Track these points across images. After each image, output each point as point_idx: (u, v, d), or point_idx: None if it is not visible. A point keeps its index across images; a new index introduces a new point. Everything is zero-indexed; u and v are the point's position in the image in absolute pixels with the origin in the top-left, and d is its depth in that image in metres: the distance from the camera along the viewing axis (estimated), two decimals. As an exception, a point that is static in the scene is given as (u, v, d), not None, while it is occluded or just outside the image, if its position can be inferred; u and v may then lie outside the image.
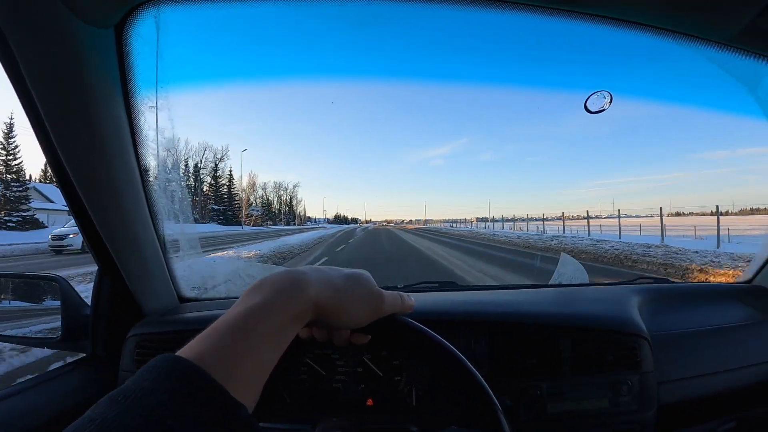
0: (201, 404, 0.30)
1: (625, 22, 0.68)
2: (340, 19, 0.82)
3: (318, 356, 0.83)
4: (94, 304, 0.88)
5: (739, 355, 0.93)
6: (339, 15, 0.78)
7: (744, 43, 0.72)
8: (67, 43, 0.55)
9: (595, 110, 0.80)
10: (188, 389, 0.30)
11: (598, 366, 0.79)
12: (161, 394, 0.29)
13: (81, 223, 0.78)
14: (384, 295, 0.50)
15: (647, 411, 0.79)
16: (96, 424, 0.27)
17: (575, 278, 1.33)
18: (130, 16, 0.58)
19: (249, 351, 0.36)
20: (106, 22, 0.56)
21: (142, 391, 0.29)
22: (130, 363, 0.86)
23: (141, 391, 0.29)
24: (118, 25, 0.59)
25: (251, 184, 74.27)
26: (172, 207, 0.91)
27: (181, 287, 1.03)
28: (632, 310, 0.90)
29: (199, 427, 0.29)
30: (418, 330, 0.51)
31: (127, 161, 0.73)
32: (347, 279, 0.47)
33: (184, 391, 0.30)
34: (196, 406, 0.30)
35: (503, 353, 0.81)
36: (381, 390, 0.81)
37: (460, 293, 1.09)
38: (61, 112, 0.62)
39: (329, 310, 0.44)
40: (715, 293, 1.15)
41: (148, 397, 0.29)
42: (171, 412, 0.28)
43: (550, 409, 0.77)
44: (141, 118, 0.69)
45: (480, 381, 0.49)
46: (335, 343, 0.50)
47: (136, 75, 0.64)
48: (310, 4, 0.67)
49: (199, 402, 0.30)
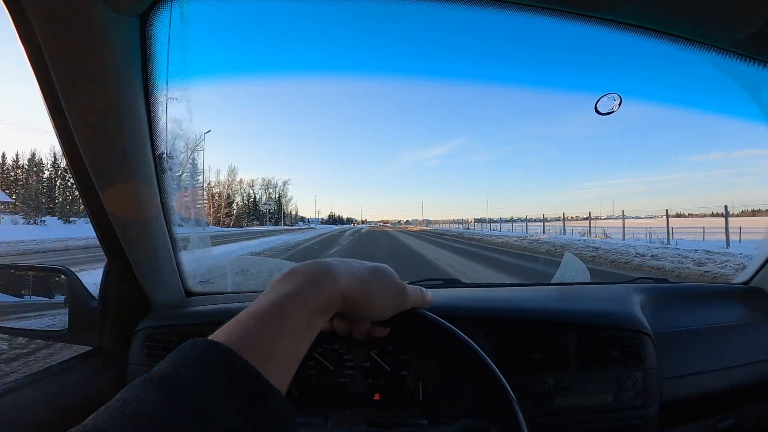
0: (238, 389, 0.30)
1: (633, 26, 0.69)
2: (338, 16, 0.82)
3: (326, 351, 0.83)
4: (102, 297, 0.88)
5: (737, 354, 0.95)
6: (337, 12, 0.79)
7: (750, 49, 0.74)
8: (94, 29, 0.55)
9: (605, 112, 0.81)
10: (225, 374, 0.30)
11: (602, 362, 0.81)
12: (198, 378, 0.29)
13: (92, 212, 0.78)
14: (407, 289, 0.50)
15: (650, 406, 0.81)
16: (132, 406, 0.26)
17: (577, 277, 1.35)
18: (156, 6, 0.58)
19: (282, 338, 0.36)
20: (133, 10, 0.57)
21: (178, 375, 0.29)
22: (139, 355, 0.85)
23: (177, 375, 0.29)
24: (144, 14, 0.59)
25: (231, 180, 69.81)
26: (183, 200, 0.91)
27: (188, 281, 1.03)
28: (635, 307, 0.92)
29: (237, 412, 0.28)
30: (439, 324, 0.52)
31: (143, 151, 0.72)
32: (373, 272, 0.48)
33: (220, 375, 0.30)
34: (232, 391, 0.29)
35: (509, 349, 0.82)
36: (388, 385, 0.82)
37: (465, 290, 1.10)
38: (81, 97, 0.62)
39: (356, 302, 0.44)
40: (714, 294, 1.18)
41: (184, 381, 0.28)
42: (209, 395, 0.28)
43: (557, 404, 0.79)
44: (159, 108, 0.69)
45: (498, 375, 0.50)
46: (355, 336, 0.51)
47: (158, 65, 0.65)
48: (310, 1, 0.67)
49: (236, 386, 0.30)
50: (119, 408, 0.26)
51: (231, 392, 0.29)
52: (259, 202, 79.10)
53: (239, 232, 36.49)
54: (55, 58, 0.57)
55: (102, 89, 0.61)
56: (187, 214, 0.92)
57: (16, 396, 0.73)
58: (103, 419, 0.25)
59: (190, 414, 0.27)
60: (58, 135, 0.67)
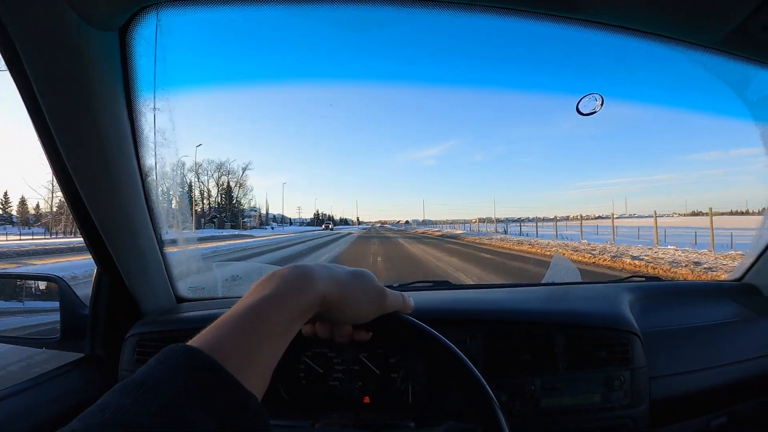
0: (214, 395, 0.30)
1: (616, 27, 0.70)
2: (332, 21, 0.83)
3: (315, 355, 0.84)
4: (93, 304, 0.89)
5: (728, 352, 0.95)
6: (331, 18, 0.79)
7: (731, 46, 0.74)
8: (72, 45, 0.56)
9: (587, 112, 0.82)
10: (201, 380, 0.31)
11: (590, 362, 0.81)
12: (175, 383, 0.29)
13: (81, 223, 0.79)
14: (387, 292, 0.51)
15: (639, 406, 0.81)
16: (110, 412, 0.27)
17: (567, 277, 1.35)
18: (135, 19, 0.59)
19: (260, 342, 0.36)
20: (111, 24, 0.57)
21: (156, 381, 0.29)
22: (130, 362, 0.86)
23: (154, 381, 0.29)
24: (123, 27, 0.60)
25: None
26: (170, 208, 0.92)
27: (179, 287, 1.04)
28: (624, 307, 0.92)
29: (213, 418, 0.29)
30: (418, 327, 0.53)
31: (128, 162, 0.73)
32: (352, 275, 0.49)
33: (197, 381, 0.30)
34: (209, 397, 0.30)
35: (497, 350, 0.82)
36: (378, 388, 0.82)
37: (454, 292, 1.10)
38: (65, 113, 0.63)
39: (335, 305, 0.45)
40: (706, 291, 1.17)
41: (162, 387, 0.29)
42: (186, 401, 0.29)
43: (543, 404, 0.79)
44: (142, 119, 0.70)
45: (478, 377, 0.50)
46: (337, 339, 0.51)
47: (139, 77, 0.65)
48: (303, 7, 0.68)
49: (212, 393, 0.30)
50: (98, 412, 0.27)
51: (207, 397, 0.30)
52: (207, 196, 60.31)
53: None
54: (37, 73, 0.57)
55: (84, 102, 0.62)
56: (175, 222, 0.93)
57: (7, 403, 0.74)
58: (85, 422, 0.26)
59: (165, 418, 0.27)
60: (44, 148, 0.67)
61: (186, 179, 28.33)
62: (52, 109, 0.62)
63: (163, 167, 0.77)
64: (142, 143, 0.73)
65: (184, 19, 0.64)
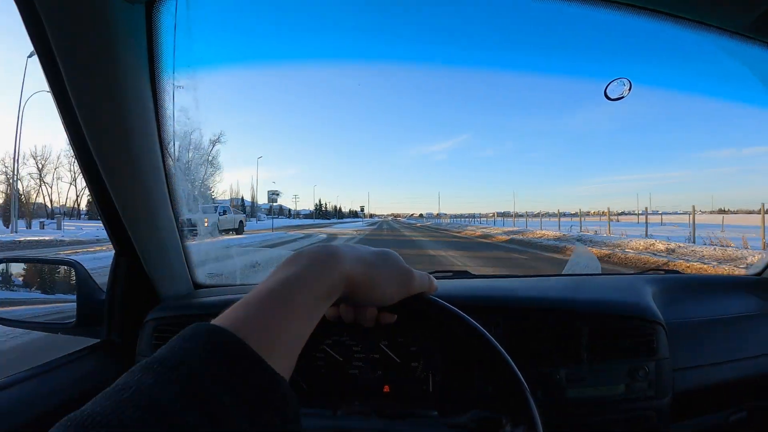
0: (239, 375, 0.29)
1: (640, 8, 0.68)
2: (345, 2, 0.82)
3: (335, 343, 0.83)
4: (110, 289, 0.88)
5: (749, 345, 0.94)
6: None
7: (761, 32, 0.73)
8: (100, 16, 0.55)
9: (614, 97, 0.81)
10: (226, 358, 0.29)
11: (614, 352, 0.80)
12: (198, 362, 0.28)
13: (100, 203, 0.78)
14: (413, 273, 0.50)
15: (663, 397, 0.79)
16: (131, 391, 0.25)
17: (588, 268, 1.34)
18: (162, -7, 0.58)
19: (287, 321, 0.35)
20: (139, -4, 0.57)
21: (179, 360, 0.28)
22: (147, 347, 0.86)
23: (177, 360, 0.28)
24: (150, 1, 0.59)
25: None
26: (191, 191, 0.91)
27: (196, 273, 1.03)
28: (648, 297, 0.91)
29: (238, 398, 0.28)
30: (448, 309, 0.52)
31: (150, 141, 0.73)
32: (378, 255, 0.48)
33: (221, 360, 0.29)
34: (235, 376, 0.29)
35: (520, 339, 0.81)
36: (397, 377, 0.81)
37: (474, 281, 1.09)
38: (88, 87, 0.62)
39: (361, 286, 0.44)
40: (726, 285, 1.16)
41: (185, 366, 0.28)
42: (209, 381, 0.27)
43: (568, 394, 0.78)
44: (166, 97, 0.69)
45: (509, 361, 0.49)
46: (362, 323, 0.50)
47: (164, 53, 0.65)
48: None
49: (239, 372, 0.29)
50: (118, 392, 0.26)
51: (233, 378, 0.28)
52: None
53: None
54: (62, 47, 0.57)
55: (108, 77, 0.61)
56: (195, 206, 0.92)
57: (24, 387, 0.73)
58: (101, 404, 0.25)
59: (189, 397, 0.26)
60: (66, 127, 0.67)
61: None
62: (75, 81, 0.61)
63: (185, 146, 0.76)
64: (164, 122, 0.72)
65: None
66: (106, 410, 0.24)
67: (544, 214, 29.88)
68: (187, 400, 0.26)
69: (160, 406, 0.25)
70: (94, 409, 0.24)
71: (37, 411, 0.72)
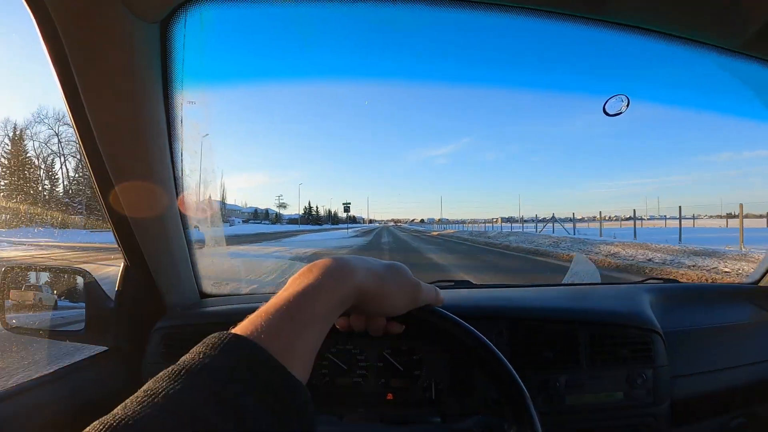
0: (263, 381, 0.30)
1: (635, 28, 0.70)
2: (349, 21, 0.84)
3: (339, 351, 0.84)
4: (118, 298, 0.89)
5: (747, 353, 0.96)
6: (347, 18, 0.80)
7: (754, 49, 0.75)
8: (116, 34, 0.57)
9: (613, 113, 0.83)
10: (250, 365, 0.31)
11: (613, 359, 0.81)
12: (224, 368, 0.29)
13: (112, 214, 0.80)
14: (421, 285, 0.52)
15: (661, 404, 0.81)
16: (160, 396, 0.27)
17: (588, 278, 1.36)
18: (177, 12, 0.60)
19: (303, 331, 0.36)
20: (155, 16, 0.59)
21: (204, 367, 0.29)
22: (156, 355, 0.87)
23: (203, 367, 0.29)
24: (164, 20, 0.61)
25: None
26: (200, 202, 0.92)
27: (203, 283, 1.04)
28: (645, 306, 0.92)
29: (262, 403, 0.29)
30: (453, 320, 0.53)
31: (162, 154, 0.74)
32: (388, 268, 0.49)
33: (246, 367, 0.30)
34: (257, 382, 0.30)
35: (521, 347, 0.82)
36: (401, 384, 0.82)
37: (476, 291, 1.11)
38: (103, 102, 0.64)
39: (371, 297, 0.45)
40: (723, 294, 1.18)
41: (211, 373, 0.29)
42: (235, 385, 0.29)
43: (568, 401, 0.79)
44: (177, 111, 0.71)
45: (511, 371, 0.51)
46: (371, 332, 0.52)
47: (176, 70, 0.67)
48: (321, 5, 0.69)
49: (261, 378, 0.30)
50: (147, 398, 0.27)
51: (256, 384, 0.30)
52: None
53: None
54: (78, 61, 0.58)
55: (123, 92, 0.63)
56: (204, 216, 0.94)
57: (32, 394, 0.74)
58: (132, 408, 0.26)
59: (216, 402, 0.27)
60: (80, 138, 0.68)
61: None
62: (90, 96, 0.62)
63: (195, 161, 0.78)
64: (175, 135, 0.74)
65: (221, 14, 0.65)
66: (137, 414, 0.25)
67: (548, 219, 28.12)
68: (215, 405, 0.27)
69: (190, 410, 0.26)
70: (126, 413, 0.25)
71: (50, 417, 0.73)
